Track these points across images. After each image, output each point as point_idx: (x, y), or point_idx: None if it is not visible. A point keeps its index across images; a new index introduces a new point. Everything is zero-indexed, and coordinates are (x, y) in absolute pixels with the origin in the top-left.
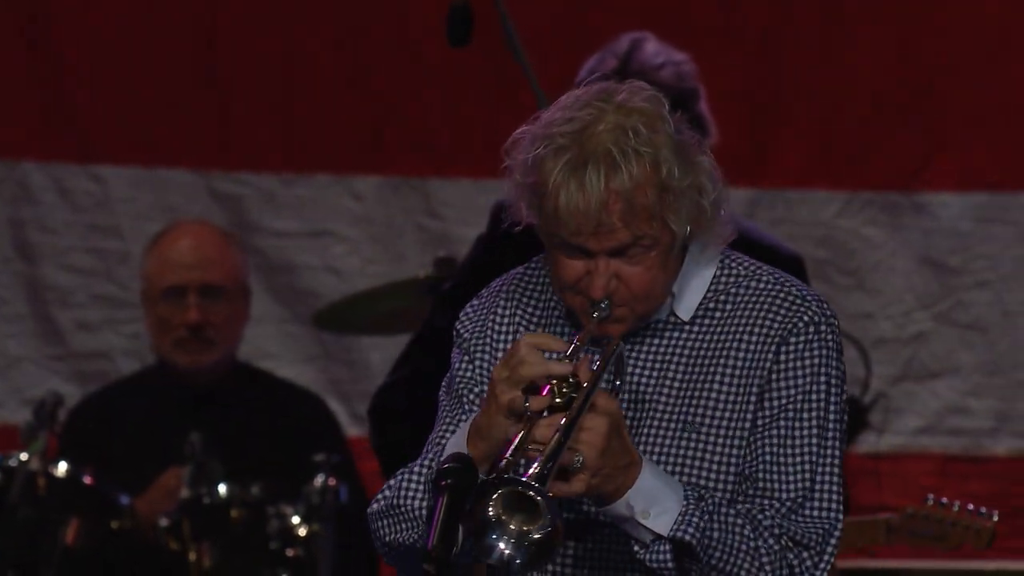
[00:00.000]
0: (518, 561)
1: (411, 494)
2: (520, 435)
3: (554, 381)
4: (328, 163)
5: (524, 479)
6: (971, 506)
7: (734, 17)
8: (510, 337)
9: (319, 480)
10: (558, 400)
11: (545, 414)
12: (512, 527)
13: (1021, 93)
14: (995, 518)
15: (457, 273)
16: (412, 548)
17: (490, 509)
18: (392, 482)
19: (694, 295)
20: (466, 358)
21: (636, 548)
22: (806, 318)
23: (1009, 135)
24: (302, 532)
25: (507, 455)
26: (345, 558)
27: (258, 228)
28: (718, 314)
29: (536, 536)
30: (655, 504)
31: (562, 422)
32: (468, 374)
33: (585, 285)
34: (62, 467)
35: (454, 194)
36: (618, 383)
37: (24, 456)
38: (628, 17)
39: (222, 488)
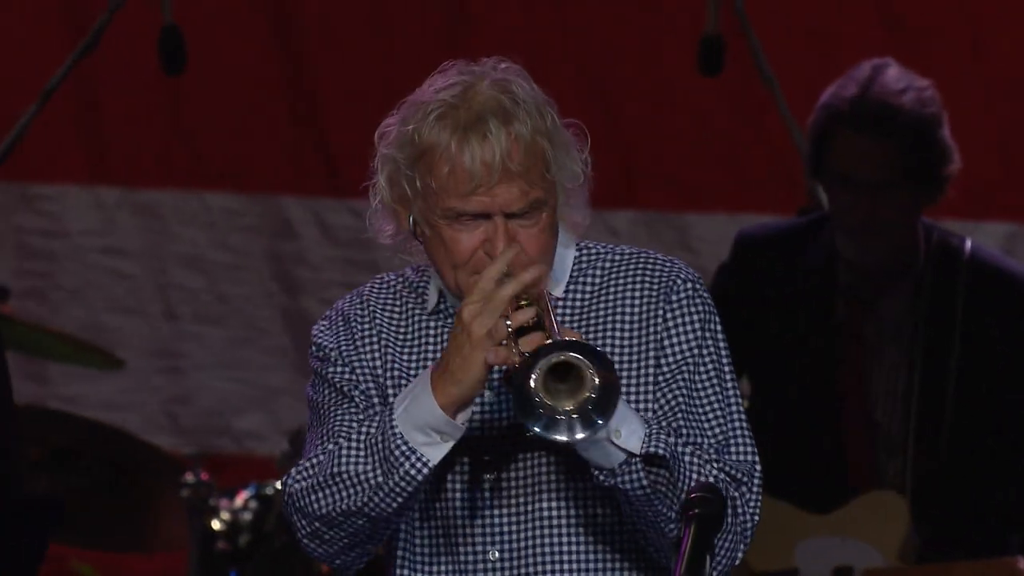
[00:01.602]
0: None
1: (352, 459)
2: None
3: (523, 301)
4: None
5: (567, 340)
6: None
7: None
8: (375, 342)
9: None
10: (533, 320)
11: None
12: (564, 404)
13: None
14: None
15: None
16: (352, 513)
17: (534, 382)
18: (313, 460)
19: (561, 274)
20: (340, 362)
21: (600, 476)
22: (681, 275)
23: None
24: None
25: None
26: None
27: None
28: (588, 287)
29: (593, 396)
30: (624, 424)
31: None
32: (347, 375)
33: (481, 258)
34: None
35: (709, 228)
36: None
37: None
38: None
39: None
